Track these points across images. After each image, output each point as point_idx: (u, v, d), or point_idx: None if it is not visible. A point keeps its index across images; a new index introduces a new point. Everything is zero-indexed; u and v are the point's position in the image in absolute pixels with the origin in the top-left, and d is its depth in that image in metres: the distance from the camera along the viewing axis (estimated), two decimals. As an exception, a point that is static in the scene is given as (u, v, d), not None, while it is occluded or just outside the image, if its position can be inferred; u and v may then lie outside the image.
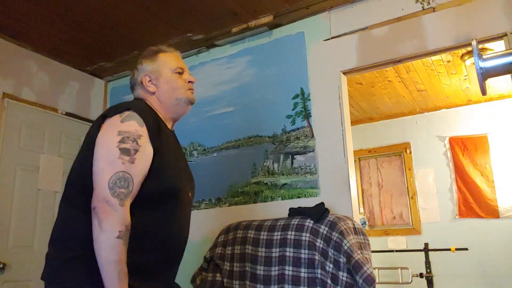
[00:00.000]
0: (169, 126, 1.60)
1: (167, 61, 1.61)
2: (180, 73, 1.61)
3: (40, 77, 3.25)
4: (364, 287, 1.96)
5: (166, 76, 1.58)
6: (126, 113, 1.38)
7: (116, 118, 1.36)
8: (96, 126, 1.38)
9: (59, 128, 3.33)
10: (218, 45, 3.21)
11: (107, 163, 1.28)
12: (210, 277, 2.38)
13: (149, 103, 1.55)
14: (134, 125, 1.35)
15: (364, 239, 2.24)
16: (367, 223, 4.97)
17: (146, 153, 1.35)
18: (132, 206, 1.30)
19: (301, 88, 2.79)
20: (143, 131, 1.36)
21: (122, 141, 1.30)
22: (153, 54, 1.61)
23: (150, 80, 1.58)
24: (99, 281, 1.23)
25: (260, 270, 2.24)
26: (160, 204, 1.40)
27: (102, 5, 2.68)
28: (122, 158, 1.28)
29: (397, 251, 4.50)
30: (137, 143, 1.32)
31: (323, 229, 2.17)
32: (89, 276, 1.26)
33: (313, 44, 2.82)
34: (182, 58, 3.47)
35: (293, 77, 2.84)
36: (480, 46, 2.55)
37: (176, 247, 1.47)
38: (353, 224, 2.26)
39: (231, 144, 2.99)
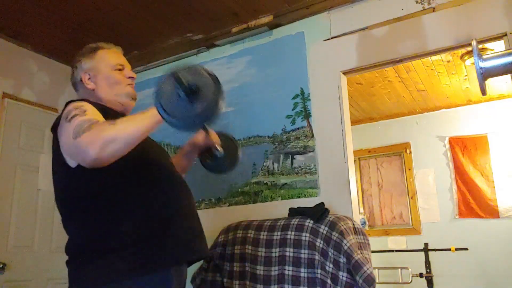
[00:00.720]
0: None
1: (106, 57, 1.59)
2: (121, 70, 1.59)
3: (40, 77, 3.25)
4: (364, 287, 1.96)
5: (105, 73, 1.56)
6: (65, 108, 1.40)
7: (62, 119, 1.37)
8: (54, 138, 1.40)
9: (59, 128, 3.33)
10: (218, 45, 3.20)
11: (66, 133, 1.27)
12: (210, 277, 2.38)
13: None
14: (72, 104, 1.37)
15: (364, 239, 2.24)
16: (367, 223, 4.97)
17: (94, 109, 1.34)
18: (115, 185, 1.29)
19: (301, 88, 2.79)
20: (82, 102, 1.38)
21: (67, 117, 1.30)
22: (91, 52, 1.60)
23: (89, 78, 1.56)
24: (104, 281, 1.25)
25: (260, 270, 2.24)
26: (139, 172, 1.37)
27: (102, 5, 2.68)
28: (73, 120, 1.27)
29: (397, 251, 4.50)
30: (82, 108, 1.32)
31: (323, 229, 2.17)
32: (94, 277, 1.27)
33: (313, 44, 2.82)
34: (182, 58, 3.46)
35: (293, 77, 2.84)
36: (480, 46, 2.55)
37: (172, 205, 1.41)
38: (353, 224, 2.26)
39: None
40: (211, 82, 1.16)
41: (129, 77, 1.61)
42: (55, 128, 1.40)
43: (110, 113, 1.44)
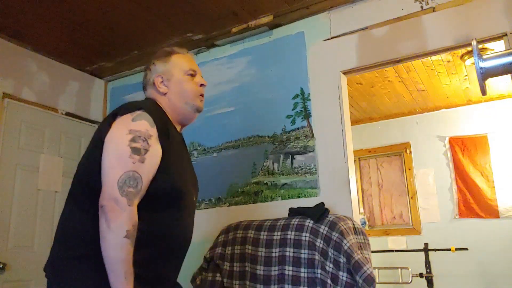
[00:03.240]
0: (178, 129, 1.60)
1: (180, 62, 1.61)
2: (193, 75, 1.62)
3: (40, 77, 3.25)
4: (364, 287, 1.96)
5: (178, 77, 1.59)
6: (138, 112, 1.38)
7: (127, 117, 1.36)
8: (107, 124, 1.38)
9: (59, 128, 3.33)
10: (218, 45, 3.21)
11: (118, 161, 1.28)
12: (210, 277, 2.38)
13: (159, 104, 1.55)
14: (145, 124, 1.35)
15: (364, 239, 2.24)
16: (367, 223, 4.97)
17: (155, 153, 1.35)
18: (141, 207, 1.31)
19: (301, 88, 2.79)
20: (153, 131, 1.36)
21: (133, 140, 1.30)
22: (166, 55, 1.62)
23: (162, 81, 1.58)
24: (102, 281, 1.23)
25: (260, 270, 2.24)
26: (164, 205, 1.39)
27: (102, 5, 2.68)
28: (132, 157, 1.28)
29: (397, 251, 4.50)
30: (148, 143, 1.32)
31: (323, 229, 2.17)
32: (92, 276, 1.26)
33: (313, 44, 2.82)
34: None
35: (293, 77, 2.84)
36: (480, 46, 2.55)
37: (179, 248, 1.47)
38: (353, 224, 2.26)
39: (231, 144, 2.99)
40: None
41: (201, 85, 1.62)
42: (115, 116, 1.39)
43: (169, 132, 1.44)
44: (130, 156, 1.28)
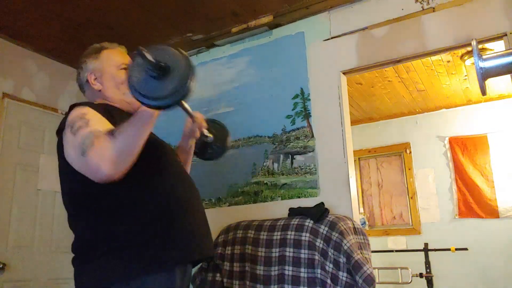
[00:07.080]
0: None
1: (111, 57, 1.60)
2: (126, 69, 1.58)
3: (40, 77, 3.25)
4: (364, 287, 1.96)
5: (111, 73, 1.57)
6: (70, 112, 1.40)
7: (66, 127, 1.36)
8: (59, 142, 1.40)
9: (59, 128, 3.33)
10: (218, 45, 3.20)
11: (73, 150, 1.28)
12: (210, 277, 2.38)
13: (97, 103, 1.54)
14: (75, 111, 1.37)
15: (364, 239, 2.24)
16: (367, 223, 4.97)
17: (98, 117, 1.34)
18: (122, 183, 1.27)
19: (301, 88, 2.79)
20: (86, 109, 1.37)
21: (72, 127, 1.30)
22: (96, 52, 1.60)
23: (95, 78, 1.56)
24: (109, 281, 1.25)
25: (260, 270, 2.24)
26: (147, 171, 1.36)
27: (102, 5, 2.68)
28: (78, 134, 1.27)
29: (397, 251, 4.50)
30: (85, 118, 1.32)
31: (323, 229, 2.17)
32: (98, 276, 1.27)
33: (313, 44, 2.82)
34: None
35: (293, 77, 2.84)
36: (480, 46, 2.55)
37: (178, 202, 1.40)
38: (353, 224, 2.26)
39: (231, 144, 2.99)
40: (181, 58, 1.13)
41: None
42: (60, 132, 1.40)
43: (116, 113, 1.43)
44: (75, 136, 1.27)
